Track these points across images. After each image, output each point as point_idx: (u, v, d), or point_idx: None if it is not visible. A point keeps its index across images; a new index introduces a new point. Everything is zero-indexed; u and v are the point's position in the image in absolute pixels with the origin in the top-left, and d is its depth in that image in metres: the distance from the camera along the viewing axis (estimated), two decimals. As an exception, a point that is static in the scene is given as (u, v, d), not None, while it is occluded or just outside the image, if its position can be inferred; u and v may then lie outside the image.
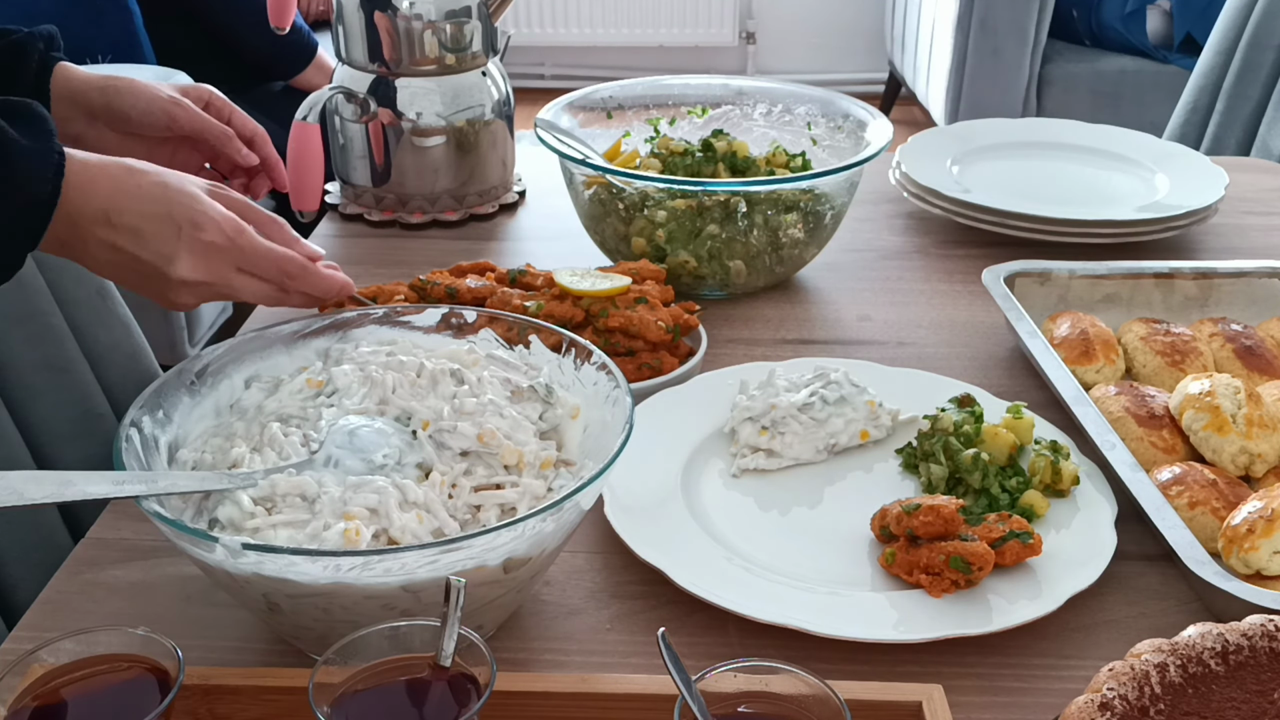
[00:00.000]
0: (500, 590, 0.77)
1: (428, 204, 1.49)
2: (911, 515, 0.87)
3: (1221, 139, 2.05)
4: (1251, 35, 2.01)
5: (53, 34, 1.07)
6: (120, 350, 1.28)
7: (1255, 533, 0.87)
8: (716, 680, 0.66)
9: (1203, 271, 1.24)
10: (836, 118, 1.41)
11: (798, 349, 1.22)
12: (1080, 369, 1.10)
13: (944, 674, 0.79)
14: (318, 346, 0.93)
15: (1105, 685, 0.65)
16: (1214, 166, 1.53)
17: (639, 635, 0.85)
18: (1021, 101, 3.53)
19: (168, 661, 0.67)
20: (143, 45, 2.49)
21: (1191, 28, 3.42)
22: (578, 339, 0.91)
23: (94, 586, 0.89)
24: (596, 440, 0.86)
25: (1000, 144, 1.64)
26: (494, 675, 0.64)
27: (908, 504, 0.89)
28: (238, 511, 0.76)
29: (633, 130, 1.45)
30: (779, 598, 0.85)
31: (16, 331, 1.16)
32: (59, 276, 1.23)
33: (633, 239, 1.29)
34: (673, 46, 4.56)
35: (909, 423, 1.05)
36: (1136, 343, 1.14)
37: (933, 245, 1.46)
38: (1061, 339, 1.14)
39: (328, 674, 0.65)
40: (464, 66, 1.46)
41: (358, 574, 0.70)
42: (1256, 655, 0.66)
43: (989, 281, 1.20)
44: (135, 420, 0.80)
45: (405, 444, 0.82)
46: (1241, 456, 0.98)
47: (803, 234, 1.29)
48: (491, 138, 1.50)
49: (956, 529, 0.87)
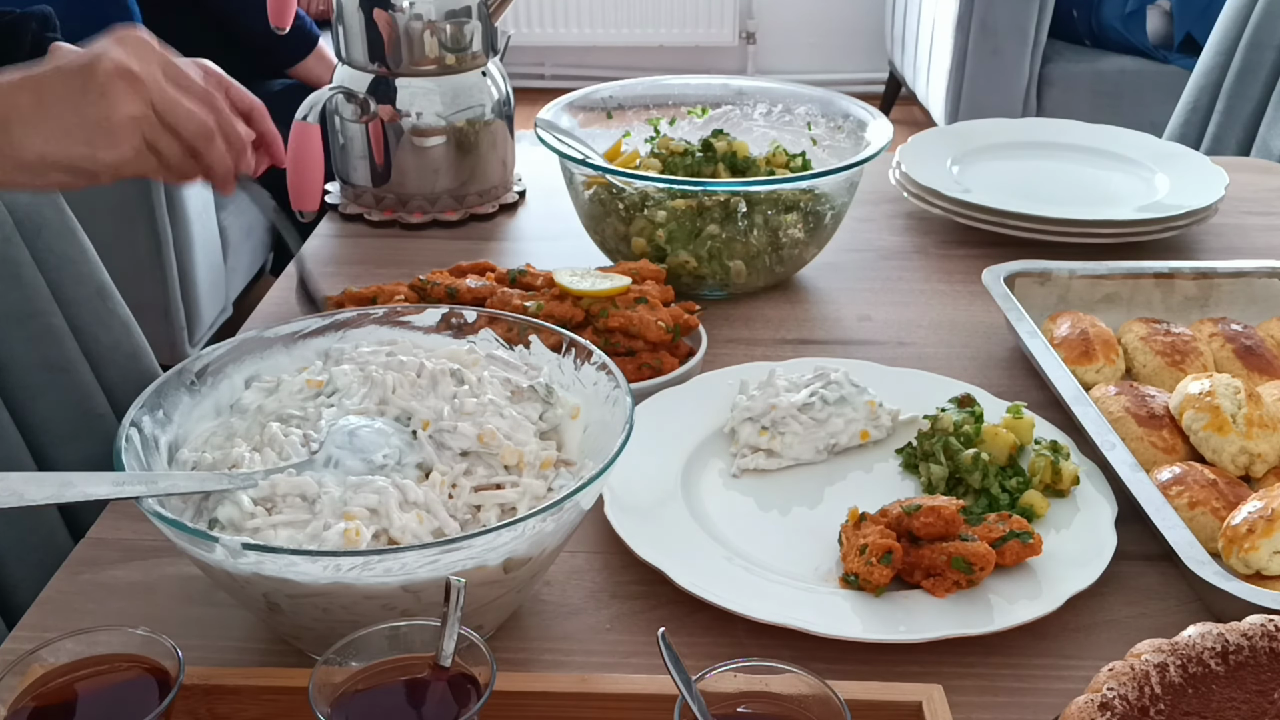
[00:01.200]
0: (500, 590, 0.77)
1: (428, 204, 1.49)
2: (912, 516, 0.87)
3: (1221, 139, 2.05)
4: (1251, 35, 2.01)
5: (47, 14, 1.07)
6: (120, 350, 1.28)
7: (1255, 533, 0.87)
8: (716, 680, 0.66)
9: (1203, 271, 1.24)
10: (836, 118, 1.41)
11: (798, 349, 1.22)
12: (1080, 369, 1.10)
13: (944, 674, 0.79)
14: (318, 346, 0.93)
15: (1105, 685, 0.65)
16: (1214, 166, 1.53)
17: (639, 635, 0.85)
18: (1021, 101, 3.53)
19: (168, 661, 0.67)
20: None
21: (1191, 28, 3.42)
22: (578, 339, 0.91)
23: (94, 586, 0.89)
24: (596, 440, 0.86)
25: (1000, 144, 1.64)
26: (494, 675, 0.64)
27: (908, 504, 0.89)
28: (238, 512, 0.76)
29: (633, 130, 1.45)
30: (779, 598, 0.85)
31: (16, 331, 1.16)
32: (59, 276, 1.23)
33: (633, 239, 1.29)
34: (673, 46, 4.56)
35: (909, 423, 1.05)
36: (1136, 343, 1.14)
37: (933, 245, 1.46)
38: (1061, 339, 1.14)
39: (328, 674, 0.65)
40: (464, 66, 1.46)
41: (358, 574, 0.70)
42: (1256, 655, 0.66)
43: (989, 281, 1.20)
44: (135, 420, 0.80)
45: (405, 444, 0.82)
46: (1241, 456, 0.98)
47: (803, 234, 1.29)
48: (491, 138, 1.50)
49: (957, 530, 0.87)
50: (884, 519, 0.89)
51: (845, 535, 0.89)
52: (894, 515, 0.88)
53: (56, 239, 1.24)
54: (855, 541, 0.87)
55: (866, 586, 0.85)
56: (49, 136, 0.84)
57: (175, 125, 0.87)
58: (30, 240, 1.20)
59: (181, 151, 0.89)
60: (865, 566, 0.85)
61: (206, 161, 0.90)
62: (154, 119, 0.86)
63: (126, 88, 0.85)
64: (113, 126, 0.84)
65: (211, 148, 0.90)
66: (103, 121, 0.84)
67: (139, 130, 0.86)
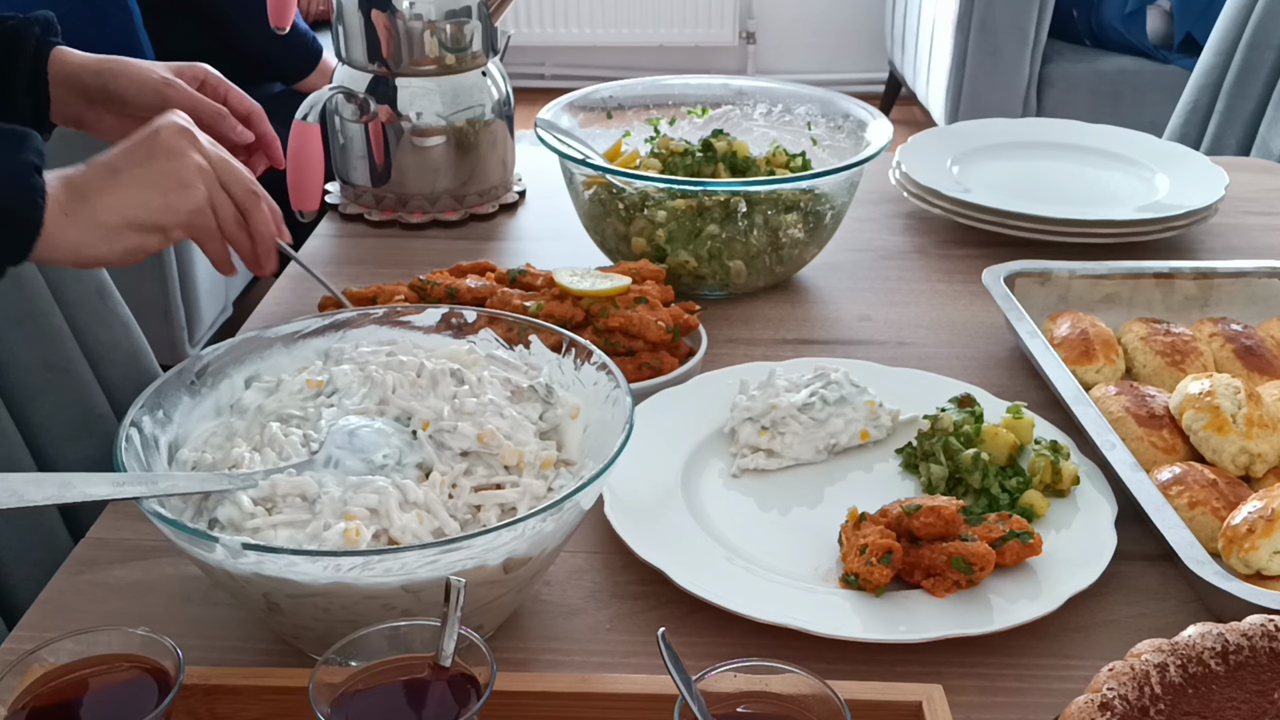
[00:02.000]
0: (500, 590, 0.77)
1: (428, 204, 1.49)
2: (912, 516, 0.87)
3: (1221, 139, 2.05)
4: (1251, 35, 2.01)
5: (49, 19, 1.08)
6: (120, 350, 1.29)
7: (1255, 533, 0.87)
8: (716, 680, 0.66)
9: (1203, 271, 1.24)
10: (836, 118, 1.41)
11: (798, 349, 1.22)
12: (1080, 369, 1.10)
13: (944, 674, 0.79)
14: (318, 346, 0.93)
15: (1105, 685, 0.65)
16: (1214, 166, 1.53)
17: (639, 635, 0.85)
18: (1021, 101, 3.53)
19: (168, 661, 0.67)
20: (143, 46, 2.49)
21: (1191, 28, 3.42)
22: (578, 339, 0.91)
23: (94, 586, 0.89)
24: (596, 440, 0.86)
25: (1000, 144, 1.63)
26: (494, 675, 0.64)
27: (908, 504, 0.89)
28: (238, 512, 0.76)
29: (633, 130, 1.45)
30: (779, 598, 0.85)
31: (16, 331, 1.16)
32: (59, 276, 1.23)
33: (633, 239, 1.29)
34: (673, 46, 4.56)
35: (909, 423, 1.05)
36: (1136, 342, 1.14)
37: (933, 245, 1.46)
38: (1062, 339, 1.14)
39: (328, 674, 0.65)
40: (464, 66, 1.46)
41: (358, 574, 0.70)
42: (1256, 655, 0.66)
43: (989, 282, 1.20)
44: (135, 420, 0.80)
45: (405, 444, 0.82)
46: (1242, 456, 0.97)
47: (803, 234, 1.29)
48: (491, 138, 1.50)
49: (957, 530, 0.87)
50: (884, 519, 0.89)
51: (845, 535, 0.89)
52: (894, 515, 0.88)
53: (56, 239, 1.24)
54: (855, 541, 0.87)
55: (866, 586, 0.85)
56: (126, 195, 0.93)
57: (227, 183, 0.98)
58: (30, 240, 1.20)
59: (234, 213, 0.99)
60: (865, 566, 0.85)
61: (252, 224, 1.00)
62: (212, 173, 0.97)
63: (189, 144, 0.96)
64: (183, 175, 0.95)
65: (258, 208, 1.00)
66: (174, 172, 0.95)
67: (204, 179, 0.96)
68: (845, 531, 0.89)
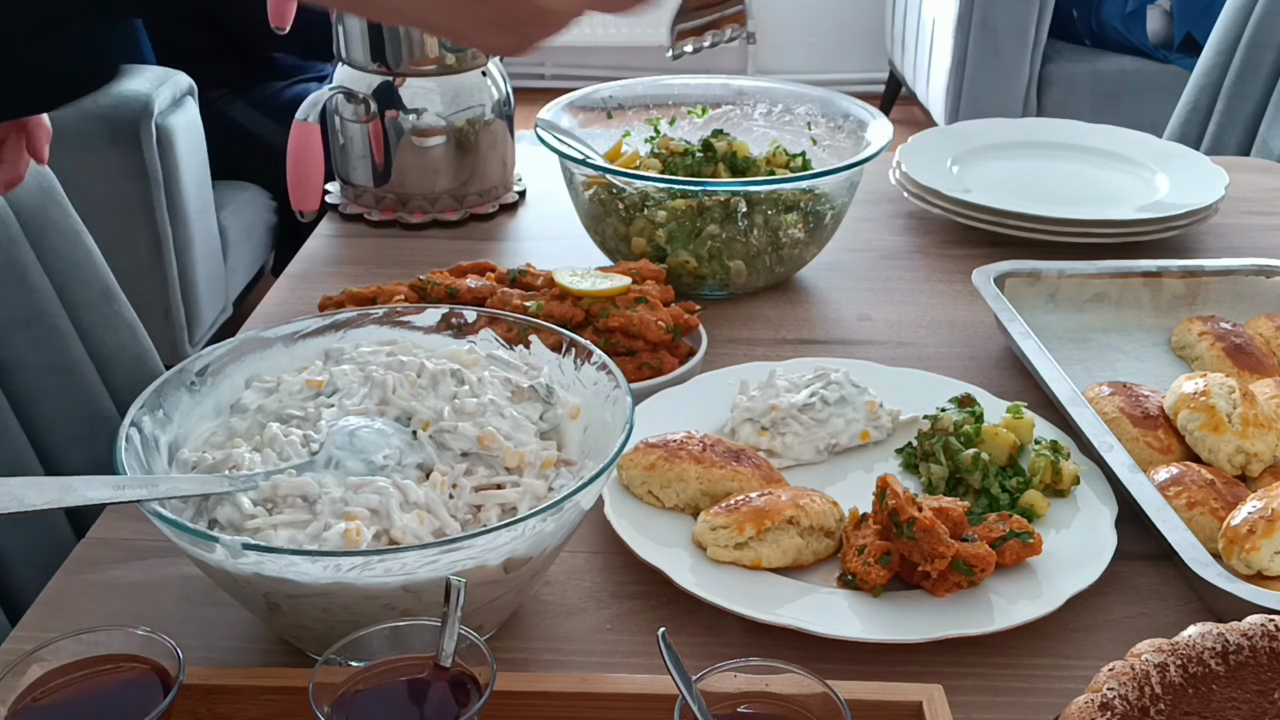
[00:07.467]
0: (500, 590, 0.77)
1: (428, 204, 1.49)
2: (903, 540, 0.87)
3: (1221, 139, 2.05)
4: (1251, 35, 2.01)
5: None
6: (126, 352, 1.29)
7: (1256, 533, 0.87)
8: (716, 680, 0.66)
9: (1190, 270, 1.25)
10: (836, 118, 1.41)
11: (798, 349, 1.22)
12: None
13: (944, 674, 0.79)
14: (318, 346, 0.93)
15: (1105, 685, 0.65)
16: (1214, 166, 1.53)
17: (639, 635, 0.85)
18: (1021, 101, 3.53)
19: (168, 661, 0.67)
20: (144, 47, 2.49)
21: (1191, 28, 3.42)
22: (578, 339, 0.91)
23: (94, 586, 0.89)
24: (596, 440, 0.86)
25: (1000, 144, 1.63)
26: (494, 675, 0.64)
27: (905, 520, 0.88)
28: (238, 512, 0.76)
29: (633, 130, 1.45)
30: (779, 598, 0.85)
31: (23, 334, 1.16)
32: (65, 279, 1.23)
33: (633, 239, 1.29)
34: (673, 46, 4.55)
35: (909, 423, 1.05)
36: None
37: (933, 245, 1.46)
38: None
39: (328, 674, 0.65)
40: (464, 66, 1.46)
41: (358, 574, 0.70)
42: (1257, 655, 0.66)
43: (979, 282, 1.20)
44: (136, 420, 0.80)
45: (406, 444, 0.82)
46: (1238, 456, 0.97)
47: (803, 234, 1.29)
48: (491, 138, 1.50)
49: (962, 532, 0.87)
50: (877, 523, 0.89)
51: (845, 535, 0.89)
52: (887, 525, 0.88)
53: (62, 242, 1.24)
54: (854, 542, 0.87)
55: (864, 586, 0.85)
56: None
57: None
58: (36, 243, 1.20)
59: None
60: (863, 567, 0.85)
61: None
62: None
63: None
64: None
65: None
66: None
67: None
68: (845, 531, 0.89)
